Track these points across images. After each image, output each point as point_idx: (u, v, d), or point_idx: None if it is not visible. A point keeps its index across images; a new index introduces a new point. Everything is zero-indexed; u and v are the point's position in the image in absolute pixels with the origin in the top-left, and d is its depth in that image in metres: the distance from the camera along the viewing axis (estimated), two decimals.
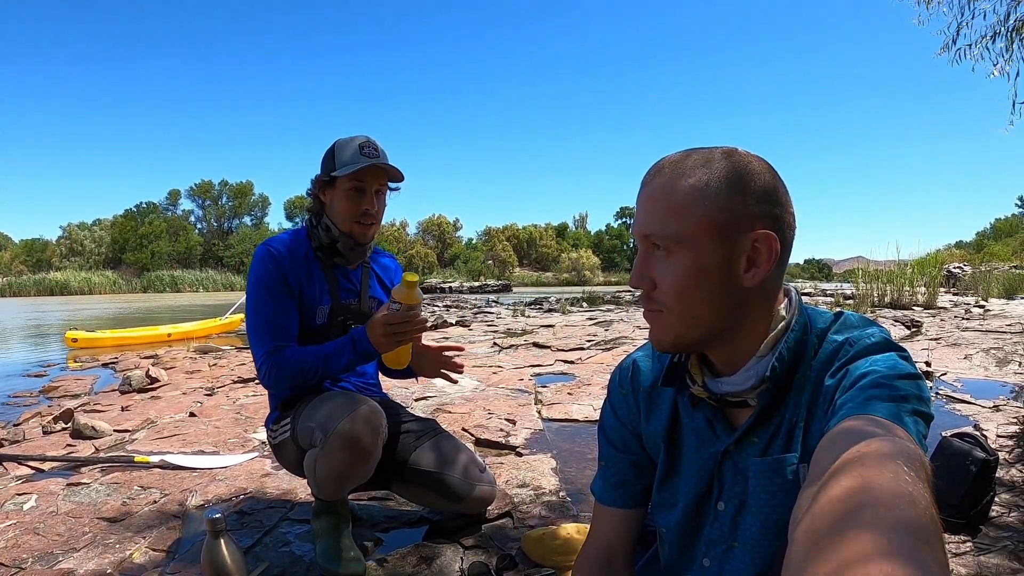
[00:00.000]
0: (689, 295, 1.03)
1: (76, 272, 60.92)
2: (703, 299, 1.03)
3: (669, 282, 1.03)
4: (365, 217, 2.21)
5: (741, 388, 1.07)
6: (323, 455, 1.98)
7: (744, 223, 1.01)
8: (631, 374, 1.31)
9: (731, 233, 1.01)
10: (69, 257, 68.80)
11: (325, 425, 1.98)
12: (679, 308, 1.04)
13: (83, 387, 6.27)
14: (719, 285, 1.02)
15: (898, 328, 8.76)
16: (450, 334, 10.22)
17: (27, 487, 2.96)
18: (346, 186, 2.17)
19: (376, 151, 2.18)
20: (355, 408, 1.97)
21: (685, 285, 1.02)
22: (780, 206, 1.04)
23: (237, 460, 3.29)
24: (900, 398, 0.86)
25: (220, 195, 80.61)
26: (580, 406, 4.41)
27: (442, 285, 46.28)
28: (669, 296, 1.04)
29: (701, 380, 1.13)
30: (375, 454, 2.01)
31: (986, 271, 21.99)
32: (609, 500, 1.34)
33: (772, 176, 1.05)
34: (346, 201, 2.18)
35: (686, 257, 1.02)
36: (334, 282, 2.28)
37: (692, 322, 1.05)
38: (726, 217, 1.01)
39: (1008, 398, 4.40)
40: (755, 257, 1.02)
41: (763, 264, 1.02)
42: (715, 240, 1.01)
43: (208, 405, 4.84)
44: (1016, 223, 67.11)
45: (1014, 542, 2.14)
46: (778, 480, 1.05)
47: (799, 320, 1.08)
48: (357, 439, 1.94)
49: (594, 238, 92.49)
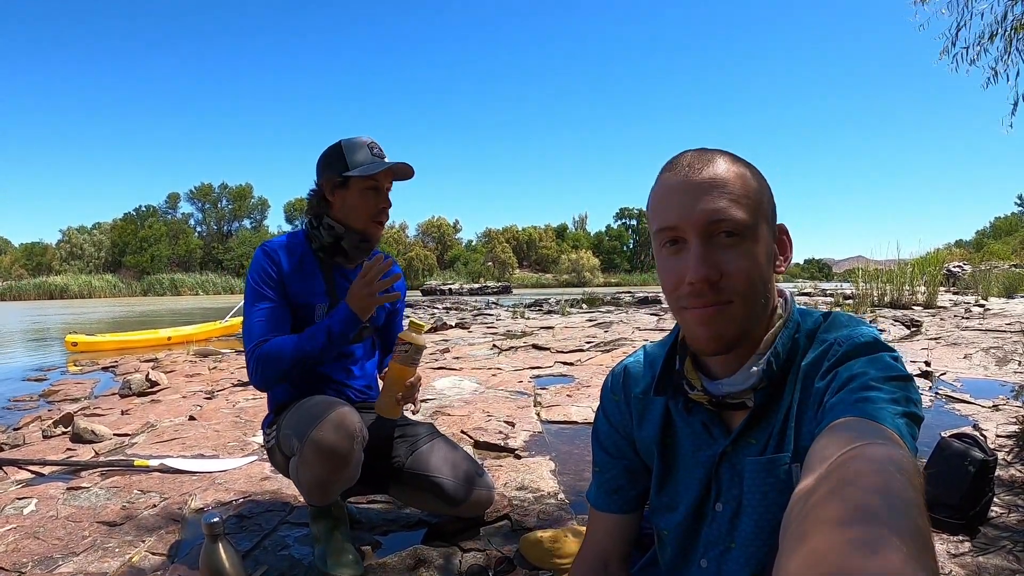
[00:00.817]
0: (758, 282, 1.03)
1: (76, 276, 61.16)
2: (763, 287, 1.04)
3: (742, 269, 1.01)
4: (382, 215, 2.26)
5: (742, 388, 1.08)
6: (301, 464, 1.98)
7: (774, 214, 1.08)
8: (623, 380, 1.32)
9: (772, 222, 1.08)
10: (69, 261, 69.03)
11: (300, 433, 1.98)
12: (751, 296, 1.03)
13: (83, 391, 6.28)
14: (770, 273, 1.06)
15: (898, 328, 8.75)
16: (449, 336, 10.23)
17: (27, 491, 2.96)
18: (362, 186, 2.20)
19: (383, 152, 2.25)
20: (327, 414, 1.96)
21: (756, 272, 1.02)
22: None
23: (236, 464, 3.29)
24: (891, 400, 0.86)
25: (219, 198, 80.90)
26: (579, 408, 4.41)
27: (442, 287, 46.32)
28: (742, 284, 1.02)
29: (700, 385, 1.13)
30: (354, 459, 1.99)
31: (986, 270, 21.96)
32: (604, 506, 1.35)
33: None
34: (363, 200, 2.22)
35: (753, 244, 1.02)
36: (332, 282, 2.29)
37: (756, 311, 1.05)
38: (773, 206, 1.08)
39: (1008, 397, 4.39)
40: (782, 247, 1.08)
41: (788, 252, 1.09)
42: (769, 227, 1.06)
43: (208, 409, 4.84)
44: (1016, 222, 67.11)
45: (1013, 542, 2.14)
46: (771, 480, 1.06)
47: (794, 318, 1.10)
48: (331, 447, 1.92)
49: (594, 239, 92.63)
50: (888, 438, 0.76)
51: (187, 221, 79.90)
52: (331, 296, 2.27)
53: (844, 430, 0.79)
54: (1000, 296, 16.74)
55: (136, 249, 69.51)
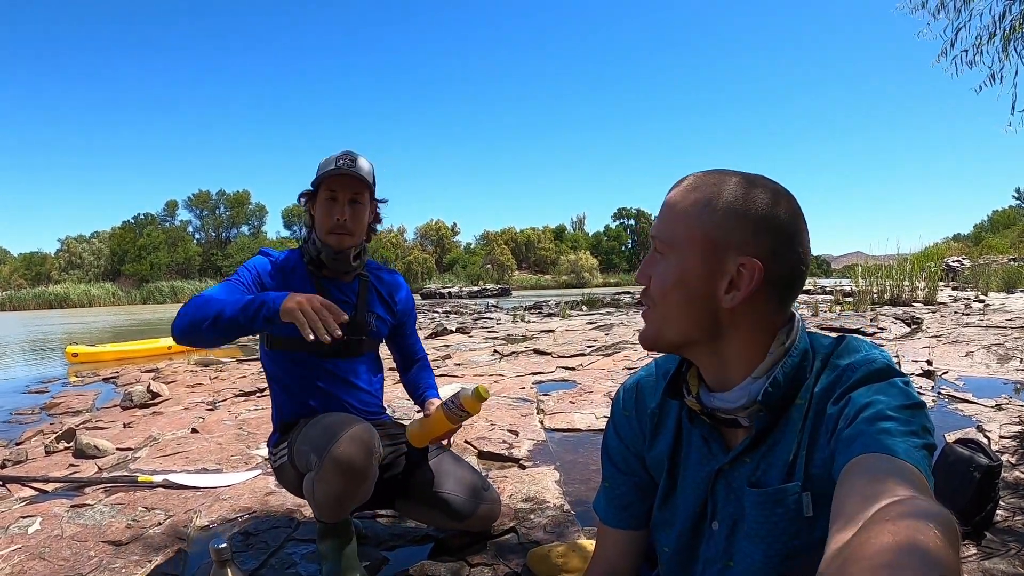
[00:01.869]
0: (671, 297, 1.10)
1: (75, 285, 61.11)
2: (682, 304, 1.09)
3: (658, 281, 1.11)
4: (336, 227, 2.24)
5: (732, 406, 1.09)
6: (319, 479, 1.96)
7: (731, 247, 1.05)
8: (635, 395, 1.33)
9: (716, 252, 1.06)
10: (68, 270, 69.00)
11: (319, 448, 1.97)
12: (662, 307, 1.11)
13: (84, 403, 6.28)
14: (697, 296, 1.08)
15: (899, 326, 8.74)
16: (450, 341, 10.22)
17: (31, 509, 2.96)
18: (322, 196, 2.24)
19: (353, 162, 2.22)
20: (347, 430, 1.95)
21: (669, 287, 1.09)
22: (779, 237, 1.06)
23: (240, 478, 3.29)
24: (910, 433, 0.88)
25: (217, 205, 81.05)
26: (582, 414, 4.40)
27: (441, 290, 46.32)
28: (656, 294, 1.11)
29: (696, 392, 1.16)
30: (371, 475, 1.99)
31: (985, 264, 21.98)
32: (613, 521, 1.35)
33: (783, 209, 1.07)
34: (322, 212, 2.24)
35: (674, 262, 1.09)
36: (324, 295, 2.23)
37: (669, 324, 1.11)
38: (718, 236, 1.06)
39: (1010, 396, 4.39)
40: (738, 281, 1.05)
41: (743, 289, 1.05)
42: (700, 254, 1.07)
43: (210, 420, 4.83)
44: (1013, 215, 67.05)
45: (1019, 546, 2.14)
46: (780, 510, 1.06)
47: (799, 347, 1.08)
48: (351, 461, 1.91)
49: (592, 239, 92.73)
50: (909, 478, 0.78)
51: (185, 228, 79.94)
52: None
53: (874, 469, 0.82)
54: (1000, 291, 16.71)
55: (135, 257, 69.46)
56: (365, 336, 2.36)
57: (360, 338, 2.34)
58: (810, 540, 1.04)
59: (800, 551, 1.05)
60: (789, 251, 1.06)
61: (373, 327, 2.37)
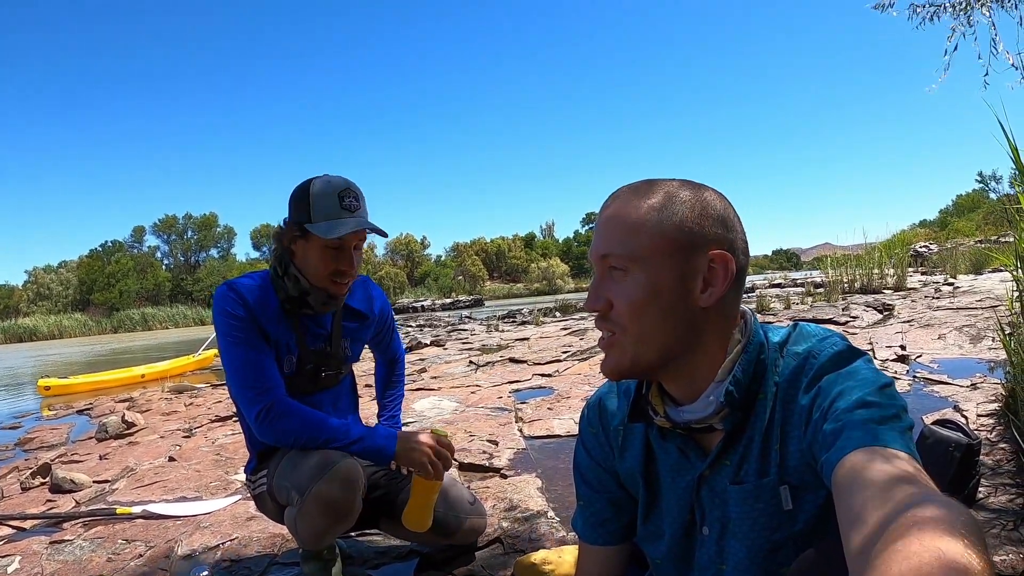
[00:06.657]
0: (645, 315, 1.04)
1: (45, 316, 60.20)
2: (658, 319, 1.04)
3: (625, 302, 1.04)
4: (342, 276, 2.06)
5: (702, 415, 1.08)
6: (301, 515, 1.91)
7: (700, 244, 1.04)
8: (598, 412, 1.32)
9: (687, 252, 1.03)
10: (36, 302, 67.95)
11: (300, 486, 1.89)
12: (635, 329, 1.05)
13: (59, 436, 6.18)
14: (674, 305, 1.04)
15: (871, 313, 8.81)
16: (425, 355, 10.15)
17: (10, 547, 2.89)
18: (323, 243, 2.00)
19: (357, 201, 2.03)
20: (330, 467, 1.87)
21: (641, 305, 1.03)
22: (734, 232, 1.07)
23: (220, 504, 3.24)
24: (892, 417, 0.89)
25: (185, 229, 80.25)
26: (561, 420, 4.38)
27: (414, 304, 46.17)
28: (625, 316, 1.05)
29: (663, 411, 1.14)
30: (355, 511, 1.95)
31: (952, 248, 22.24)
32: (591, 539, 1.35)
33: (725, 204, 1.09)
34: (321, 260, 2.02)
35: (642, 276, 1.03)
36: (301, 331, 2.13)
37: (647, 344, 1.05)
38: (683, 236, 1.03)
39: (985, 375, 4.44)
40: (711, 277, 1.04)
41: (719, 284, 1.04)
42: (671, 258, 1.03)
43: (187, 448, 4.76)
44: (977, 198, 68.14)
45: (1003, 523, 2.16)
46: (759, 505, 1.06)
47: (754, 341, 1.08)
48: (334, 501, 1.86)
49: (563, 246, 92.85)
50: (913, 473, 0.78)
51: (154, 254, 78.88)
52: (301, 347, 2.13)
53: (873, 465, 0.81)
54: (968, 273, 16.93)
55: (104, 285, 68.48)
56: (341, 369, 2.29)
57: (337, 372, 2.27)
58: (791, 533, 1.04)
59: (782, 544, 1.05)
60: (739, 240, 1.08)
61: (348, 352, 2.30)
